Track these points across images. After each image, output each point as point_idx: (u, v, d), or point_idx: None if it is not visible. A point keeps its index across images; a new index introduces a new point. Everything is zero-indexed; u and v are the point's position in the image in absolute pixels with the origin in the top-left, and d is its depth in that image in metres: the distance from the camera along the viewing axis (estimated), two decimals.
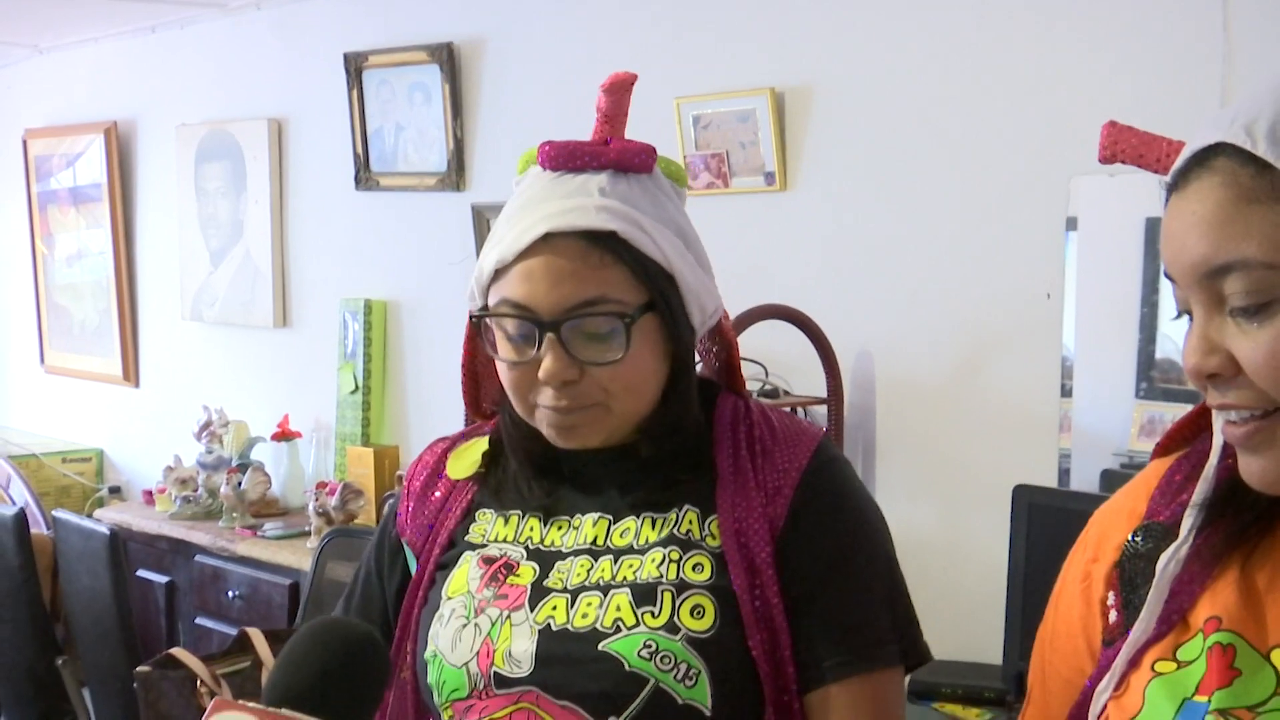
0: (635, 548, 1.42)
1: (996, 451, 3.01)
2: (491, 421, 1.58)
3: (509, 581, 1.44)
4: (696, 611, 1.37)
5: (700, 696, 1.35)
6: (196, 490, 4.53)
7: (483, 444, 1.56)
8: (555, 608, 1.40)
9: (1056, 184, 2.88)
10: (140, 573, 4.48)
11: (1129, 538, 1.14)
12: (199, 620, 4.28)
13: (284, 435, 4.58)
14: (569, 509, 1.48)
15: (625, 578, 1.40)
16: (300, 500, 4.40)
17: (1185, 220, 1.01)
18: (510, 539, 1.48)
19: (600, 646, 1.36)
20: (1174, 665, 1.07)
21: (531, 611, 1.41)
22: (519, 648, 1.39)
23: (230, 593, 4.15)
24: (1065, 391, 2.90)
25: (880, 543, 1.46)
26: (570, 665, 1.37)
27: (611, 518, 1.46)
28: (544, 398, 1.41)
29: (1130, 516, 1.17)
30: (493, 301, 1.42)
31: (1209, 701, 1.03)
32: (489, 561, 1.46)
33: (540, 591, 1.42)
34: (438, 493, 1.55)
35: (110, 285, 5.55)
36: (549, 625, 1.39)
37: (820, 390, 3.20)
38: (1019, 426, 2.98)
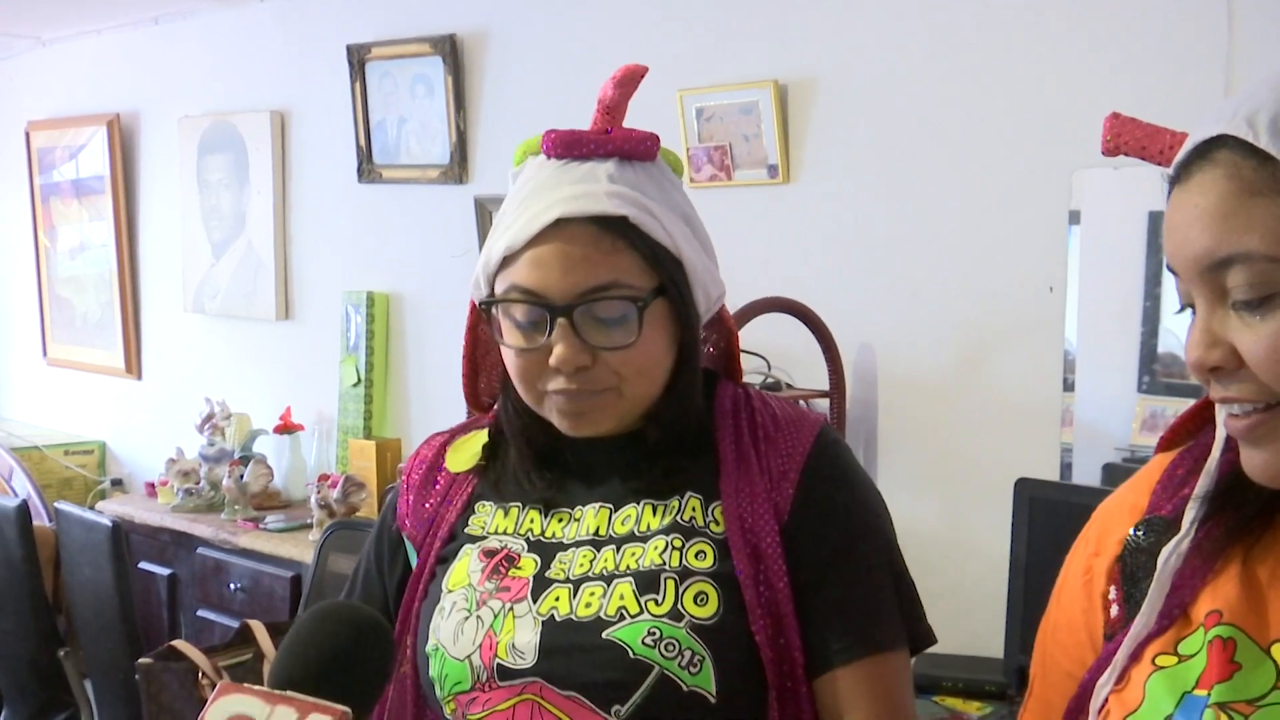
0: (637, 535, 1.43)
1: (998, 445, 3.01)
2: (489, 414, 1.58)
3: (511, 574, 1.44)
4: (700, 598, 1.37)
5: (705, 683, 1.35)
6: (198, 483, 4.54)
7: (482, 436, 1.56)
8: (558, 598, 1.40)
9: (1059, 177, 2.88)
10: (142, 565, 4.49)
11: (1131, 532, 1.14)
12: (201, 612, 4.29)
13: (286, 428, 4.59)
14: (569, 500, 1.48)
15: (628, 566, 1.40)
16: (302, 493, 4.41)
17: (1187, 213, 1.01)
18: (510, 531, 1.48)
19: (604, 635, 1.36)
20: (1175, 659, 1.07)
21: (534, 603, 1.41)
22: (522, 639, 1.39)
23: (232, 585, 4.15)
24: (1067, 385, 2.90)
25: (883, 527, 1.47)
26: (574, 655, 1.37)
27: (612, 506, 1.46)
28: (555, 384, 1.41)
29: (1132, 510, 1.17)
30: (501, 289, 1.42)
31: (1209, 695, 1.03)
32: (490, 554, 1.46)
33: (542, 583, 1.42)
34: (437, 486, 1.55)
35: (112, 277, 5.55)
36: (552, 616, 1.39)
37: (822, 383, 3.20)
38: (1021, 420, 2.98)
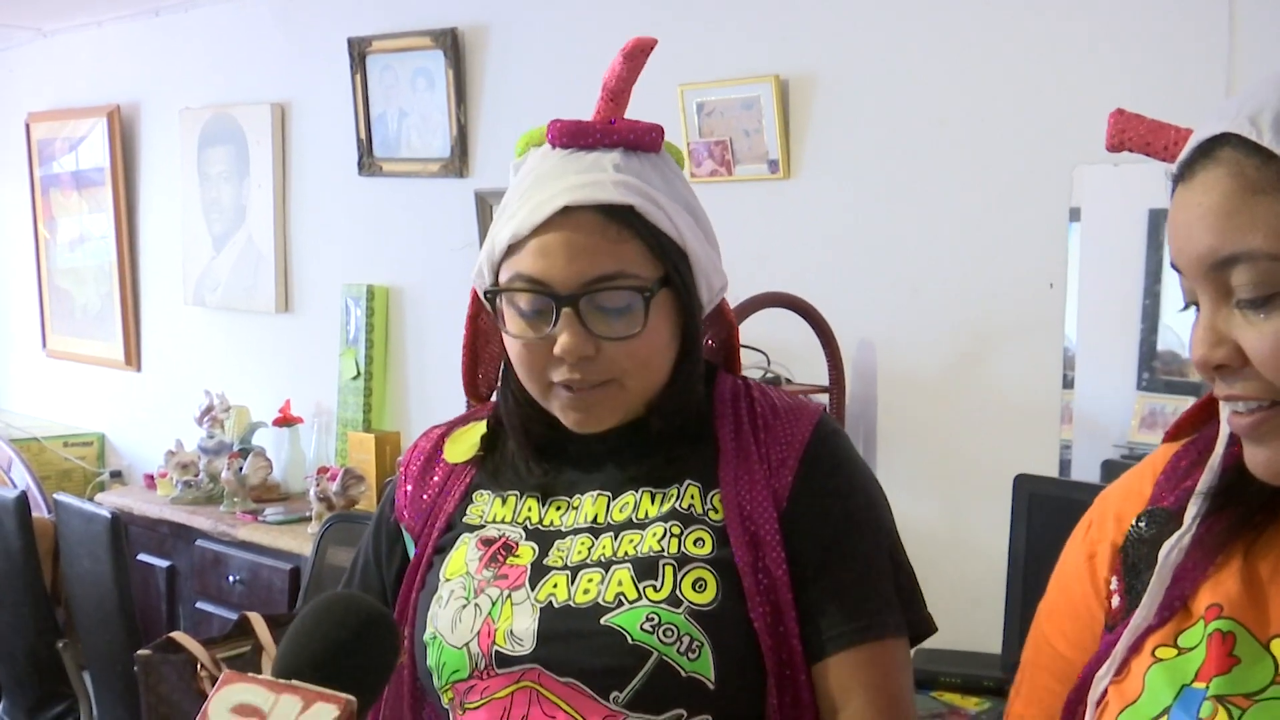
0: (635, 522, 1.43)
1: (998, 441, 3.02)
2: (488, 405, 1.58)
3: (508, 562, 1.44)
4: (698, 585, 1.38)
5: (704, 669, 1.35)
6: (198, 475, 4.54)
7: (480, 428, 1.56)
8: (556, 585, 1.41)
9: (1060, 174, 2.88)
10: (141, 557, 4.49)
11: (1134, 521, 1.15)
12: (199, 605, 4.29)
13: (285, 420, 4.59)
14: (568, 489, 1.49)
15: (626, 553, 1.41)
16: (301, 485, 4.41)
17: (1191, 211, 1.01)
18: (508, 519, 1.48)
19: (602, 621, 1.37)
20: (1175, 652, 1.08)
21: (532, 590, 1.41)
22: (520, 626, 1.39)
23: (231, 577, 4.16)
24: (1067, 382, 2.90)
25: (882, 515, 1.48)
26: (572, 641, 1.37)
27: (611, 494, 1.46)
28: (558, 374, 1.41)
29: (1138, 497, 1.17)
30: (505, 278, 1.42)
31: (1207, 688, 1.04)
32: (488, 543, 1.47)
33: (540, 570, 1.43)
34: (435, 477, 1.56)
35: (112, 269, 5.55)
36: (550, 603, 1.40)
37: (822, 379, 3.20)
38: (1020, 417, 2.98)
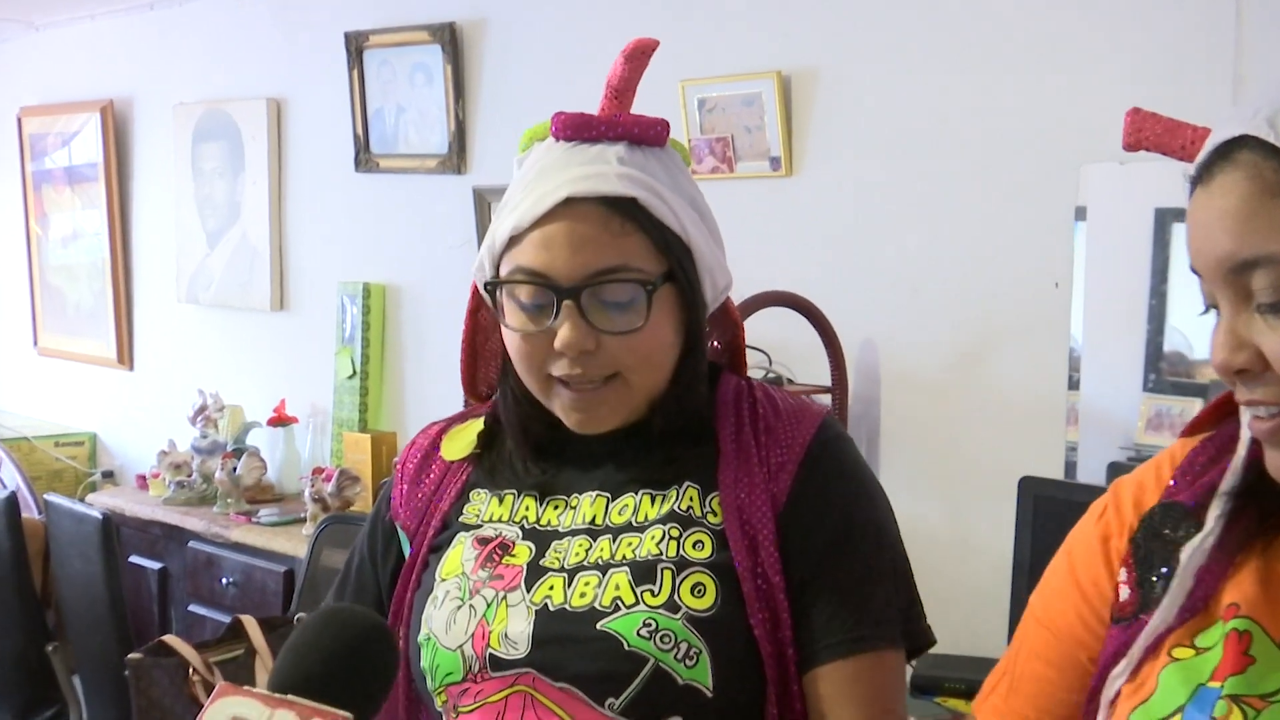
0: (634, 525, 1.42)
1: (1002, 443, 3.02)
2: (487, 404, 1.58)
3: (504, 562, 1.44)
4: (697, 590, 1.37)
5: (701, 677, 1.35)
6: (191, 475, 4.54)
7: (478, 425, 1.56)
8: (552, 587, 1.40)
9: (1066, 172, 2.88)
10: (133, 558, 4.49)
11: (1148, 513, 1.15)
12: (192, 607, 4.29)
13: (280, 420, 4.58)
14: (566, 488, 1.48)
15: (624, 556, 1.40)
16: (296, 486, 4.41)
17: (1209, 214, 1.01)
18: (505, 519, 1.48)
19: (599, 626, 1.36)
20: (1192, 652, 1.08)
21: (528, 592, 1.40)
22: (515, 629, 1.38)
23: (224, 579, 4.16)
24: (1072, 383, 2.90)
25: (883, 523, 1.46)
26: (568, 645, 1.36)
27: (610, 495, 1.46)
28: (557, 368, 1.41)
29: (1155, 489, 1.17)
30: (506, 270, 1.42)
31: (1222, 687, 1.04)
32: (484, 542, 1.46)
33: (536, 571, 1.42)
34: (431, 474, 1.55)
35: (105, 266, 5.55)
36: (546, 605, 1.39)
37: (824, 379, 3.20)
38: (1025, 418, 2.98)
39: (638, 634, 1.35)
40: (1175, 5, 2.74)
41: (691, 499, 1.42)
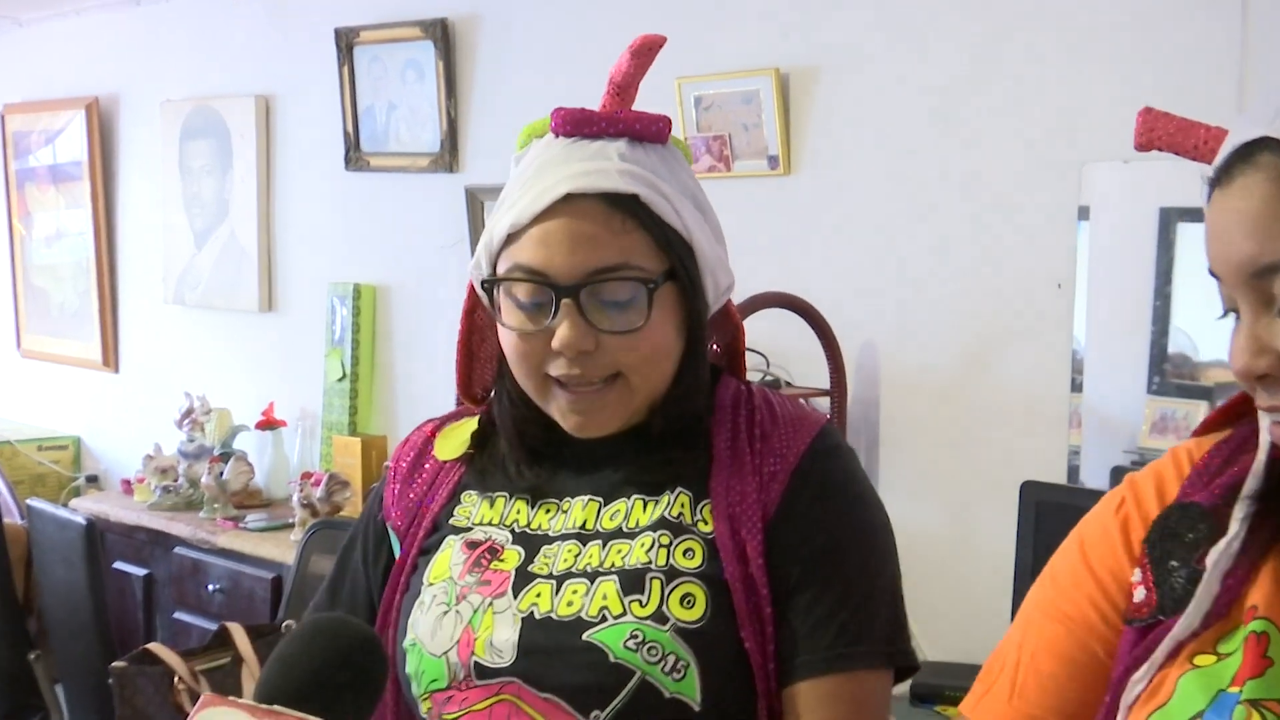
0: (625, 531, 1.42)
1: (1004, 447, 3.02)
2: (483, 406, 1.57)
3: (492, 567, 1.43)
4: (687, 601, 1.36)
5: (689, 690, 1.34)
6: (177, 480, 4.54)
7: (472, 424, 1.55)
8: (539, 595, 1.40)
9: (1068, 171, 2.88)
10: (117, 565, 4.49)
11: (1163, 513, 1.15)
12: (178, 614, 4.29)
13: (268, 424, 4.58)
14: (558, 492, 1.48)
15: (613, 564, 1.39)
16: (284, 491, 4.41)
17: (1230, 217, 1.01)
18: (496, 522, 1.47)
19: (585, 636, 1.36)
20: (1214, 658, 1.08)
21: (515, 598, 1.40)
22: (501, 636, 1.38)
23: (210, 586, 4.15)
24: (1075, 385, 2.90)
25: (874, 539, 1.44)
26: (553, 655, 1.36)
27: (602, 500, 1.45)
28: (554, 367, 1.40)
29: (1174, 482, 1.17)
30: (503, 268, 1.42)
31: (1241, 692, 1.04)
32: (473, 546, 1.46)
33: (525, 577, 1.42)
34: (424, 474, 1.55)
35: (90, 267, 5.54)
36: (532, 613, 1.38)
37: (823, 381, 3.20)
38: (1027, 421, 2.98)
39: (624, 645, 1.34)
40: (1180, 2, 2.74)
41: (683, 505, 1.42)
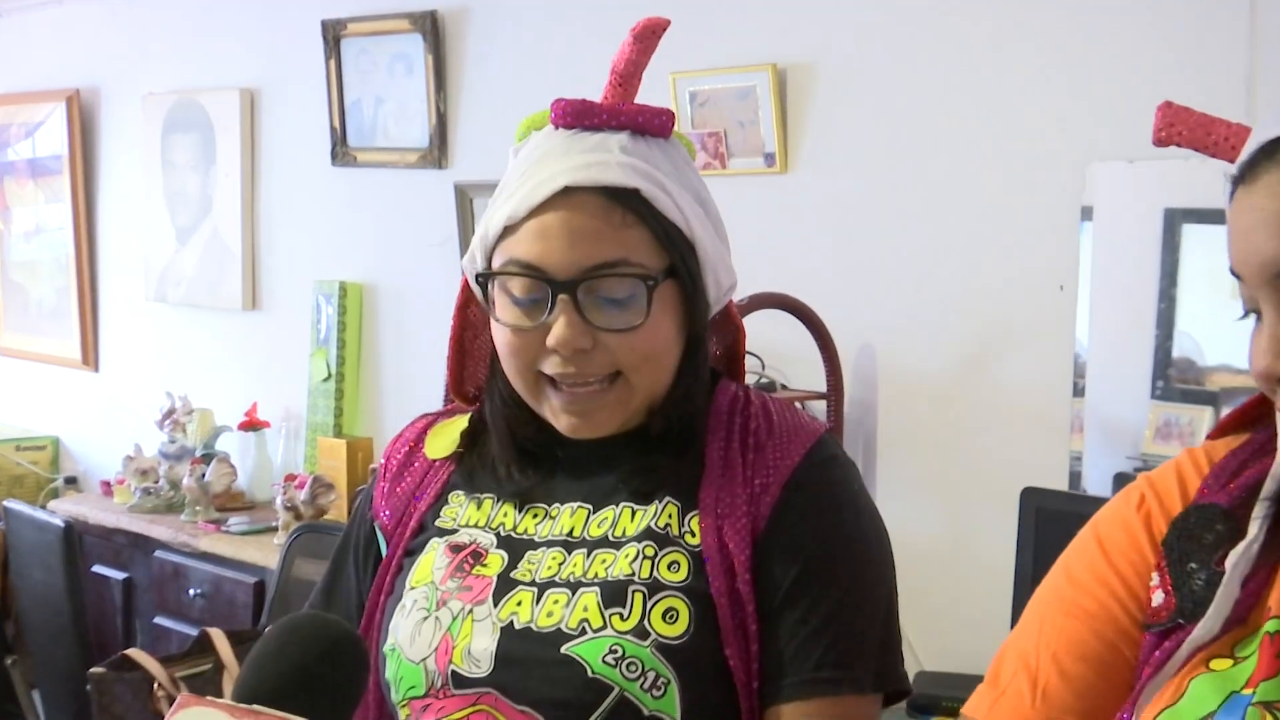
0: (611, 540, 1.41)
1: (1004, 452, 3.02)
2: (474, 405, 1.56)
3: (475, 572, 1.43)
4: (669, 615, 1.35)
5: (668, 708, 1.33)
6: (157, 482, 4.53)
7: (463, 422, 1.54)
8: (520, 603, 1.39)
9: (1072, 170, 2.89)
10: (96, 568, 4.48)
11: (1181, 514, 1.15)
12: (158, 619, 4.28)
13: (251, 425, 4.58)
14: (546, 496, 1.47)
15: (596, 574, 1.38)
16: (267, 494, 4.40)
17: (1253, 216, 1.02)
18: (482, 524, 1.47)
19: (563, 649, 1.35)
20: (1230, 662, 1.08)
21: (495, 606, 1.39)
22: (479, 646, 1.37)
23: (191, 590, 4.15)
24: (1077, 390, 2.90)
25: (871, 556, 1.42)
26: (530, 668, 1.35)
27: (592, 507, 1.44)
28: (549, 365, 1.39)
29: (1197, 475, 1.17)
30: (499, 262, 1.40)
31: (1254, 694, 1.04)
32: (456, 550, 1.45)
33: (507, 584, 1.41)
34: (413, 472, 1.54)
35: (69, 263, 5.53)
36: (512, 623, 1.38)
37: (820, 384, 3.20)
38: (1028, 426, 2.98)
39: (603, 660, 1.33)
40: (1187, 0, 2.75)
41: (671, 515, 1.40)
